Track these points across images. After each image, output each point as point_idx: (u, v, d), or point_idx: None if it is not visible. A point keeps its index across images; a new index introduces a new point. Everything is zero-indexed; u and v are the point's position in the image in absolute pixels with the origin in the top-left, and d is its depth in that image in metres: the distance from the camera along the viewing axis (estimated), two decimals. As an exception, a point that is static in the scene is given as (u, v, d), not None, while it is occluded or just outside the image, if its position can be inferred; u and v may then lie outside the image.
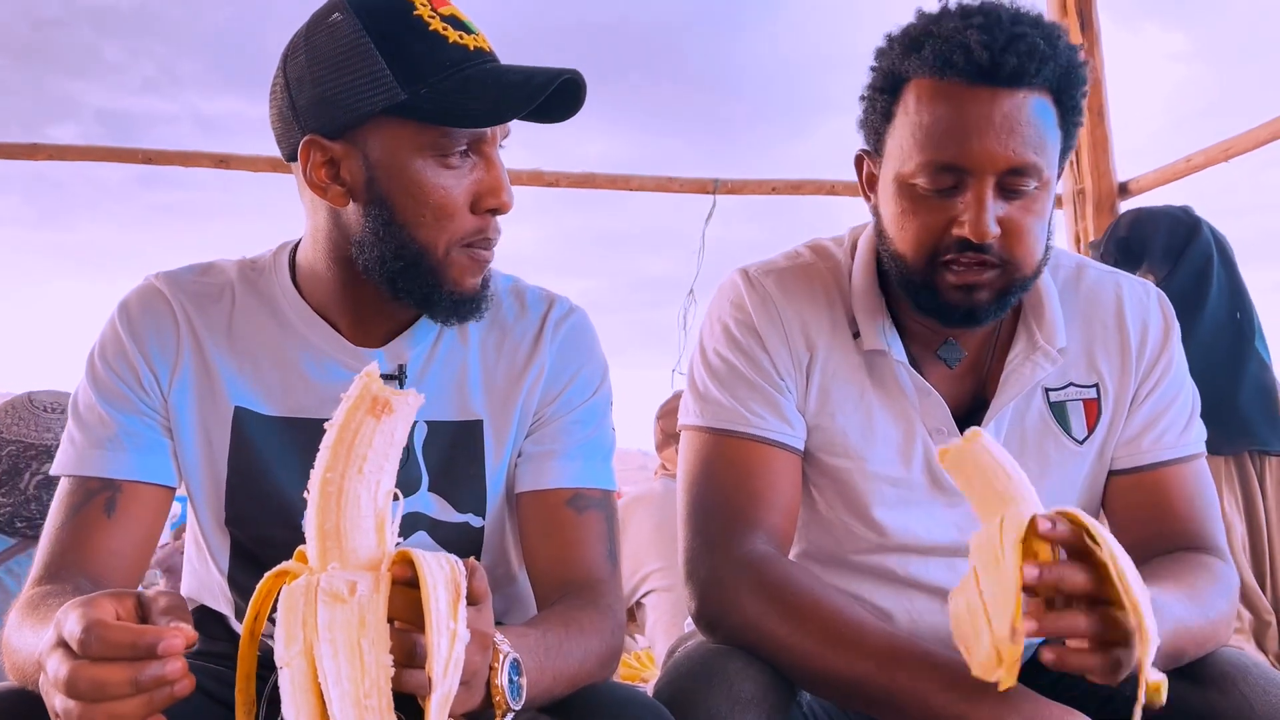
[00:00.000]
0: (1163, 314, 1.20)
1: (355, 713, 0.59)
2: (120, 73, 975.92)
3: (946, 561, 1.19)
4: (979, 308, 1.07)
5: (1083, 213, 3.95)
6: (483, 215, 1.01)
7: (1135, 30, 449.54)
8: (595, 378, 1.15)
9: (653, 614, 2.50)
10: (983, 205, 1.02)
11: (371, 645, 0.61)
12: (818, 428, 1.18)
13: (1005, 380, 1.15)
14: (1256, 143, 3.40)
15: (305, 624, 0.60)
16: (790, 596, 1.03)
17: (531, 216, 15.92)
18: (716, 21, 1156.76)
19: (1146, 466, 1.16)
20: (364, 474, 0.65)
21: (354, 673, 0.60)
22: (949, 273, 1.06)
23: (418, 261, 1.00)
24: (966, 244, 1.04)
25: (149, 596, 0.73)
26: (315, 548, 0.65)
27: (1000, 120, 1.01)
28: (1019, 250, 1.05)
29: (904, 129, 1.07)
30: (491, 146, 1.01)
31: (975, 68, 1.01)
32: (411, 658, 0.67)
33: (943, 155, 1.03)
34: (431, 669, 0.63)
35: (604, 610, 1.03)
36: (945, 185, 1.04)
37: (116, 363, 1.08)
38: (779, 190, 4.11)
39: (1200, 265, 2.21)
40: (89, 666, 0.67)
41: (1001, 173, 1.02)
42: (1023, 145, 1.02)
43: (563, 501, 1.09)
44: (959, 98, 1.03)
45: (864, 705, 0.98)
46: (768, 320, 1.18)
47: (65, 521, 1.03)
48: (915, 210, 1.07)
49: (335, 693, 0.59)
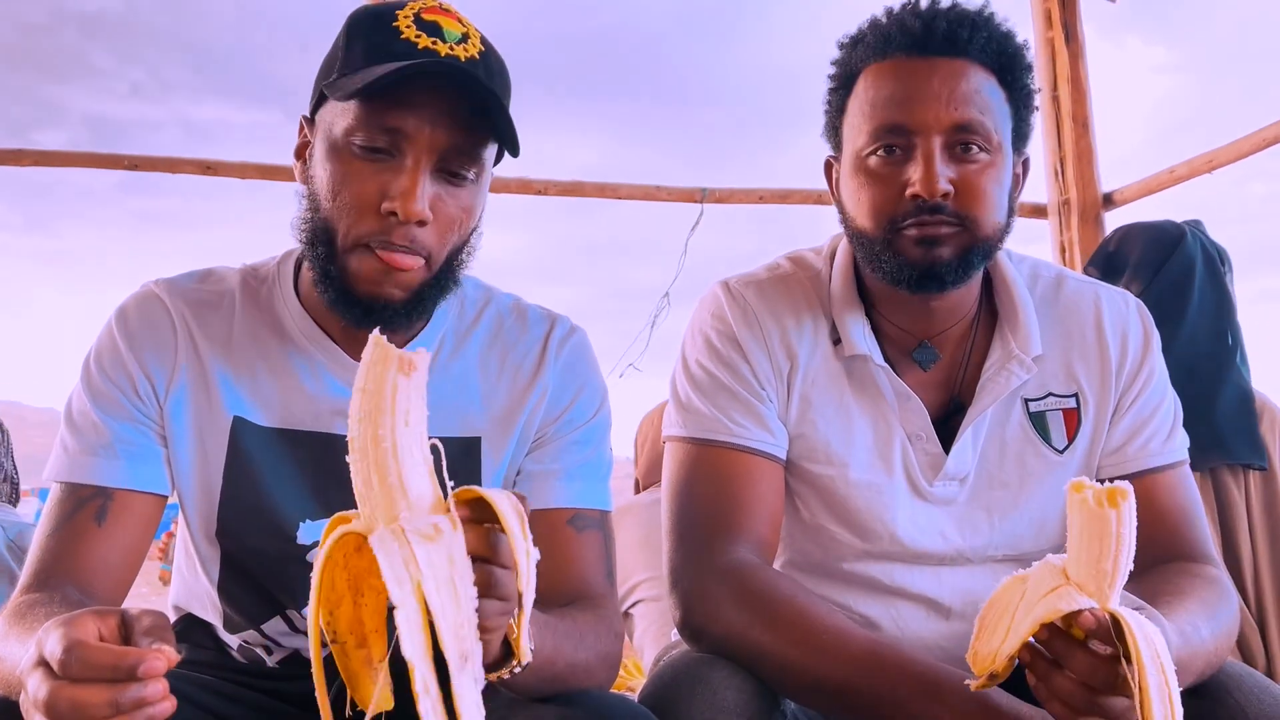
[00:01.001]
0: (1142, 323, 1.21)
1: (456, 644, 0.63)
2: (108, 79, 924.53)
3: (932, 570, 1.19)
4: (940, 264, 1.09)
5: (1068, 223, 3.97)
6: (385, 217, 0.97)
7: (1118, 43, 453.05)
8: (596, 399, 1.16)
9: (640, 623, 2.49)
10: (930, 162, 1.06)
11: (461, 579, 0.65)
12: (800, 436, 1.19)
13: (981, 388, 1.17)
14: (1239, 154, 3.44)
15: (408, 564, 0.63)
16: (771, 604, 1.03)
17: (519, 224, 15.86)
18: (702, 33, 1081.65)
19: (1133, 474, 1.17)
20: (410, 425, 0.68)
21: (454, 606, 0.64)
22: (908, 231, 1.08)
23: (328, 249, 1.00)
24: (922, 204, 1.06)
25: (132, 615, 0.73)
26: (381, 502, 0.67)
27: (939, 83, 1.07)
28: (975, 208, 1.08)
29: (855, 112, 1.13)
30: (418, 150, 0.97)
31: (910, 38, 1.08)
32: (489, 587, 0.70)
33: (889, 118, 1.08)
34: (521, 584, 0.69)
35: (599, 615, 1.04)
36: (895, 146, 1.08)
37: (113, 370, 1.07)
38: (766, 199, 4.12)
39: (1178, 278, 2.22)
40: (69, 687, 0.67)
41: (946, 130, 1.07)
42: (964, 104, 1.07)
43: (563, 521, 1.10)
44: (900, 70, 1.09)
45: (845, 711, 0.99)
46: (748, 331, 1.19)
47: (56, 529, 1.02)
48: (870, 181, 1.10)
49: (444, 625, 0.63)
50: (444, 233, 1.00)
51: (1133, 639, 0.77)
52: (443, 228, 1.00)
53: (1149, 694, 0.75)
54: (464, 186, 1.01)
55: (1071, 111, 3.99)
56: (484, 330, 1.15)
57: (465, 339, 1.14)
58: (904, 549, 1.18)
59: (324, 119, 1.02)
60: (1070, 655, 0.82)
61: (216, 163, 3.78)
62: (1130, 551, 0.79)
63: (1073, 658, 0.82)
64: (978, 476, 1.18)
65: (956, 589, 1.19)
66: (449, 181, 1.00)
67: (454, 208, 1.01)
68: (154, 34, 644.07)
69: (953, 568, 1.20)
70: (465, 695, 0.62)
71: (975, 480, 1.18)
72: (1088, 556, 0.80)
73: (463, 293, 1.16)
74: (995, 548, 1.19)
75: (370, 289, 0.99)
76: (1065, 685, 0.83)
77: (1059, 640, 0.83)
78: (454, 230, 1.01)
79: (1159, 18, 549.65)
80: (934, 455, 1.17)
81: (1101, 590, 0.79)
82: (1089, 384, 1.19)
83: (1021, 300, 1.18)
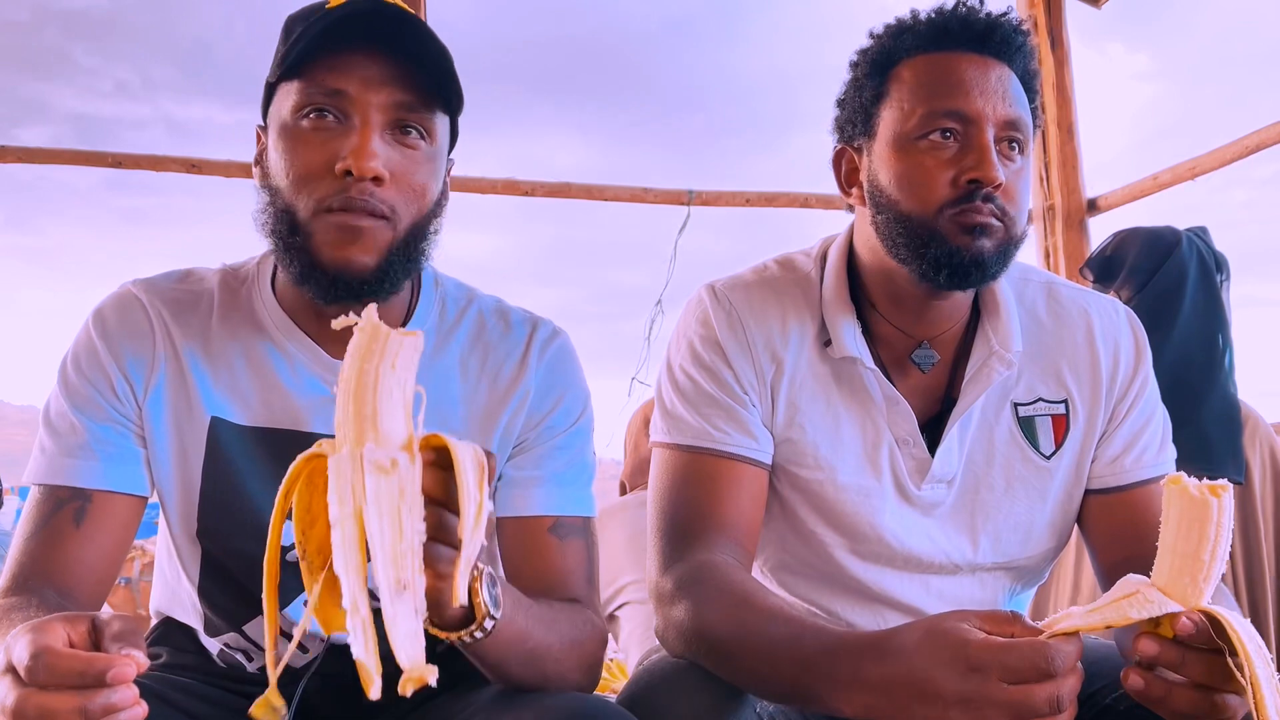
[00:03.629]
0: (1133, 333, 1.21)
1: (394, 571, 0.64)
2: (93, 77, 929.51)
3: (921, 579, 1.19)
4: (984, 255, 1.08)
5: (1052, 229, 4.00)
6: (341, 178, 0.96)
7: (1100, 50, 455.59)
8: (579, 403, 1.15)
9: (627, 625, 2.49)
10: (989, 151, 1.07)
11: (409, 513, 0.67)
12: (788, 441, 1.19)
13: (966, 386, 1.17)
14: (1221, 161, 3.47)
15: (354, 490, 0.65)
16: (721, 594, 1.02)
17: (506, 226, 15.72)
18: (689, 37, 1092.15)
19: (1127, 486, 1.17)
20: (396, 369, 0.70)
21: (394, 535, 0.65)
22: (959, 216, 1.08)
23: (291, 228, 0.99)
24: (975, 189, 1.07)
25: (103, 621, 0.72)
26: (351, 431, 0.69)
27: (994, 81, 1.10)
28: (1014, 206, 1.10)
29: (902, 95, 1.12)
30: (364, 110, 0.97)
31: (970, 34, 1.10)
32: (440, 530, 0.71)
33: (948, 103, 1.09)
34: (463, 530, 0.68)
35: (580, 610, 1.05)
36: (952, 131, 1.09)
37: (90, 370, 1.06)
38: (753, 202, 4.13)
39: (1170, 284, 2.21)
40: (37, 694, 0.66)
41: (1000, 125, 1.09)
42: (1015, 104, 1.11)
43: (544, 529, 1.09)
44: (955, 62, 1.11)
45: (782, 689, 0.94)
46: (732, 336, 1.18)
47: (34, 531, 1.01)
48: (922, 163, 1.10)
49: (379, 552, 0.64)
50: (403, 193, 0.99)
51: (1235, 634, 0.75)
52: (402, 188, 0.99)
53: (1260, 688, 0.75)
54: (417, 149, 1.00)
55: (1056, 117, 4.02)
56: (465, 331, 1.14)
57: (447, 339, 1.13)
58: (892, 551, 1.18)
59: (273, 114, 1.02)
60: (1181, 660, 0.79)
61: (202, 161, 3.76)
62: (1226, 547, 0.78)
63: (1185, 661, 0.79)
64: (964, 479, 1.18)
65: (945, 597, 1.20)
66: (401, 143, 0.99)
67: (409, 169, 0.99)
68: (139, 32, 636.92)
69: (941, 576, 1.20)
70: (399, 622, 0.63)
71: (962, 482, 1.18)
72: (1184, 547, 0.78)
73: (444, 292, 1.16)
74: (984, 555, 1.19)
75: (336, 254, 0.97)
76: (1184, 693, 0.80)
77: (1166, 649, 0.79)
78: (413, 194, 1.00)
79: (1141, 25, 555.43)
80: (920, 459, 1.17)
81: (1196, 584, 0.78)
82: (1079, 392, 1.19)
83: (1003, 297, 1.18)
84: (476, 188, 3.92)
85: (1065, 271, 3.84)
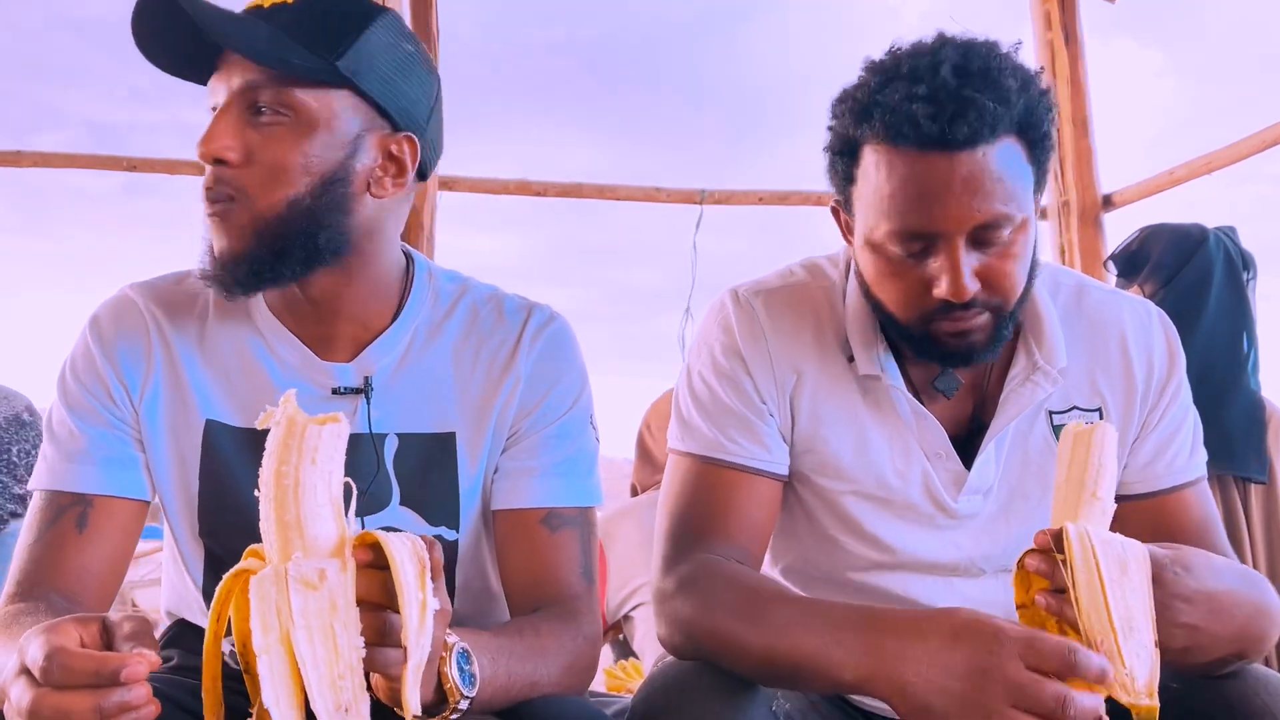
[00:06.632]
0: (1166, 338, 1.18)
1: (332, 694, 0.61)
2: (108, 83, 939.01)
3: (945, 581, 1.18)
4: (977, 348, 1.06)
5: (1067, 224, 3.97)
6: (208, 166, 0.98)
7: (1115, 46, 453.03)
8: (574, 389, 1.13)
9: (641, 627, 2.48)
10: (957, 267, 0.99)
11: (344, 627, 0.63)
12: (810, 451, 1.17)
13: (1005, 401, 1.13)
14: (1237, 156, 3.43)
15: (279, 612, 0.62)
16: (727, 584, 1.01)
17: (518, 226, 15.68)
18: (700, 37, 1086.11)
19: (1160, 491, 1.15)
20: (317, 464, 0.67)
21: (329, 655, 0.62)
22: (942, 324, 1.04)
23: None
24: (949, 304, 1.02)
25: (114, 621, 0.73)
26: (276, 540, 0.66)
27: (961, 183, 0.97)
28: (1004, 291, 1.03)
29: (867, 194, 1.04)
30: (221, 94, 0.98)
31: (926, 139, 0.97)
32: (383, 635, 0.68)
33: (908, 224, 1.00)
34: (406, 638, 0.65)
35: (568, 622, 1.03)
36: (915, 250, 1.02)
37: (86, 376, 1.06)
38: (766, 201, 4.11)
39: (1195, 282, 2.19)
40: (52, 695, 0.66)
41: (971, 230, 0.99)
42: (988, 201, 0.98)
43: (537, 520, 1.08)
44: (915, 165, 0.98)
45: (782, 673, 0.96)
46: (753, 344, 1.16)
47: (38, 538, 1.01)
48: (893, 273, 1.05)
49: (313, 676, 0.61)
50: (257, 173, 0.97)
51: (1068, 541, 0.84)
52: (256, 168, 0.97)
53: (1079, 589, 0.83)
54: (275, 126, 0.97)
55: (1071, 113, 3.98)
56: (458, 322, 1.13)
57: (438, 331, 1.12)
58: (919, 561, 1.17)
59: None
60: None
61: (214, 164, 3.77)
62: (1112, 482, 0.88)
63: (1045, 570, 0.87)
64: (1001, 489, 1.16)
65: (969, 599, 1.17)
66: (252, 124, 0.97)
67: (261, 147, 0.97)
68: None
69: (965, 578, 1.18)
70: None
71: (999, 492, 1.16)
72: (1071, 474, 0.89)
73: (437, 285, 1.15)
74: (1009, 556, 1.17)
75: (211, 239, 0.99)
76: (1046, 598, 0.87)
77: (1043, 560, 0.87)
78: (269, 172, 0.97)
79: (1154, 22, 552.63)
80: (955, 472, 1.15)
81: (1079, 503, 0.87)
82: (1113, 398, 1.16)
83: (1046, 311, 1.14)
84: (489, 188, 3.92)
85: (1081, 267, 3.81)
